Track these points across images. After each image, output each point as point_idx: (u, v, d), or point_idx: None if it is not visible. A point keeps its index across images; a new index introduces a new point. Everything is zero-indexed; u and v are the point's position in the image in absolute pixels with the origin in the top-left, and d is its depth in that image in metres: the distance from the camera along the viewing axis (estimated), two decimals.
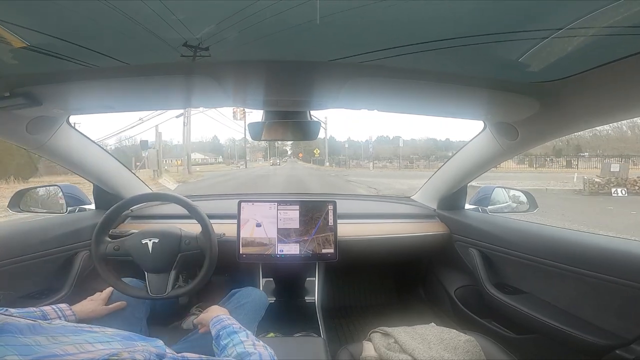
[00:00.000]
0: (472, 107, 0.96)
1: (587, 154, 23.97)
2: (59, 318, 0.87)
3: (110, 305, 1.02)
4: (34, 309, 0.84)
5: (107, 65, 0.64)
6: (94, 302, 1.01)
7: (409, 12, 0.48)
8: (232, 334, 0.73)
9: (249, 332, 0.75)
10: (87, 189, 1.56)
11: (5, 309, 0.60)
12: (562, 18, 0.48)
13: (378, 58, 0.64)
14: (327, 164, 38.17)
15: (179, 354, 0.51)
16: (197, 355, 0.52)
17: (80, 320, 0.92)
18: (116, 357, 0.39)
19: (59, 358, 0.38)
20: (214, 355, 0.72)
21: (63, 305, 0.91)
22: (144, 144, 15.75)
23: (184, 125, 17.82)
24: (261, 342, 0.70)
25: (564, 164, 23.53)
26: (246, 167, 34.41)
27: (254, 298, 1.14)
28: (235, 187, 12.51)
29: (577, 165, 22.55)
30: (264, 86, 0.81)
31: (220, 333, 0.76)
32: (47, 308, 0.87)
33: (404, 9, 0.47)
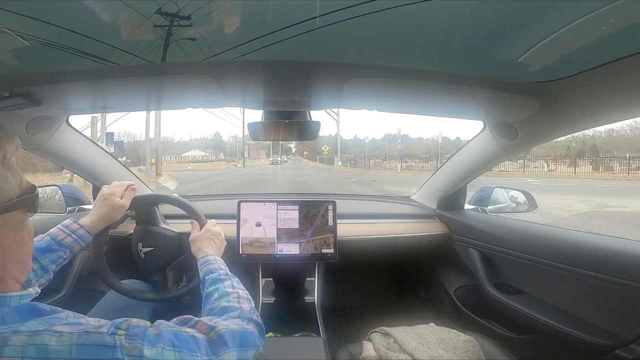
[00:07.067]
0: (471, 108, 0.96)
1: (629, 155, 20.38)
2: (70, 236, 0.85)
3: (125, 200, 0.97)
4: (43, 235, 0.83)
5: (107, 65, 0.64)
6: (109, 202, 0.93)
7: (408, 12, 0.48)
8: (218, 281, 0.74)
9: (234, 281, 0.76)
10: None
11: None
12: (562, 18, 0.48)
13: (378, 58, 0.64)
14: (340, 163, 30.21)
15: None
16: (176, 319, 0.57)
17: (94, 232, 0.90)
18: (129, 321, 0.45)
19: (84, 325, 0.43)
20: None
21: (67, 221, 0.87)
22: (110, 138, 12.43)
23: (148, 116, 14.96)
24: (245, 293, 0.72)
25: (590, 166, 20.33)
26: (244, 165, 31.95)
27: None
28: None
29: (616, 168, 19.22)
30: (264, 86, 0.81)
31: (207, 278, 0.76)
32: (54, 231, 0.84)
33: (403, 9, 0.47)
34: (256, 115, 1.03)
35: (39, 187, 0.50)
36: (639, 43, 0.51)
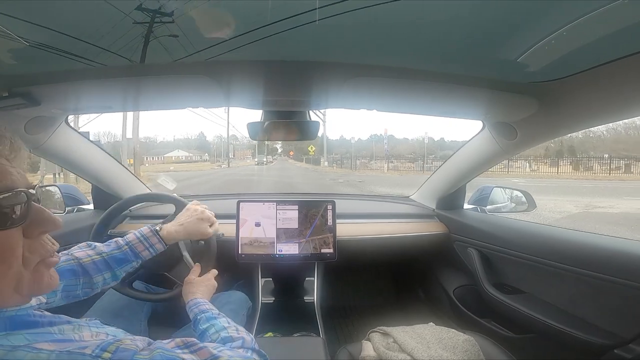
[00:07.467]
0: (471, 107, 0.96)
1: (607, 155, 20.71)
2: (147, 250, 0.86)
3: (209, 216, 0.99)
4: (122, 242, 0.84)
5: (105, 65, 0.64)
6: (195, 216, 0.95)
7: (407, 12, 0.48)
8: (212, 319, 0.73)
9: (228, 319, 0.75)
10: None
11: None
12: (561, 18, 0.48)
13: (377, 58, 0.64)
14: (326, 163, 29.47)
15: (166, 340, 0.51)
16: (179, 340, 0.51)
17: (169, 243, 0.91)
18: (120, 342, 0.41)
19: (72, 343, 0.40)
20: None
21: (147, 232, 0.87)
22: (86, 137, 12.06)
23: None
24: (243, 329, 0.70)
25: (570, 166, 20.59)
26: (229, 166, 30.85)
27: (234, 300, 1.15)
28: None
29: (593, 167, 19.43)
30: (263, 86, 0.81)
31: (199, 317, 0.76)
32: (133, 241, 0.85)
33: (402, 9, 0.47)
34: (255, 115, 1.03)
35: (38, 187, 0.46)
36: (636, 43, 0.51)
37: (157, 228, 0.89)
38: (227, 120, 28.43)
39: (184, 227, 0.93)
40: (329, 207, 1.34)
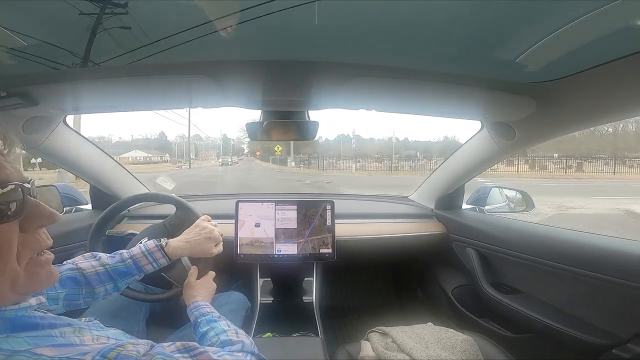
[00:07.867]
0: (469, 107, 0.96)
1: (557, 155, 21.39)
2: (150, 264, 0.85)
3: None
4: (127, 255, 0.83)
5: (104, 65, 0.64)
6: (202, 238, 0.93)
7: (407, 12, 0.48)
8: (212, 322, 0.74)
9: (228, 321, 0.75)
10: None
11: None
12: (560, 19, 0.48)
13: (377, 58, 0.64)
14: (293, 164, 28.30)
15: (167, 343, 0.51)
16: (180, 344, 0.51)
17: (174, 258, 0.89)
18: (122, 348, 0.41)
19: (73, 347, 0.39)
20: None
21: (152, 246, 0.86)
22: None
23: None
24: (242, 332, 0.71)
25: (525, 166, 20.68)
26: (190, 167, 29.08)
27: (233, 301, 1.16)
28: None
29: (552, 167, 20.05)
30: (262, 86, 0.81)
31: (199, 320, 0.76)
32: (137, 255, 0.84)
33: (402, 9, 0.47)
34: (254, 114, 1.03)
35: (33, 181, 0.45)
36: (634, 44, 0.51)
37: (163, 244, 0.88)
38: (189, 119, 27.49)
39: (190, 245, 0.92)
40: (328, 207, 1.34)
